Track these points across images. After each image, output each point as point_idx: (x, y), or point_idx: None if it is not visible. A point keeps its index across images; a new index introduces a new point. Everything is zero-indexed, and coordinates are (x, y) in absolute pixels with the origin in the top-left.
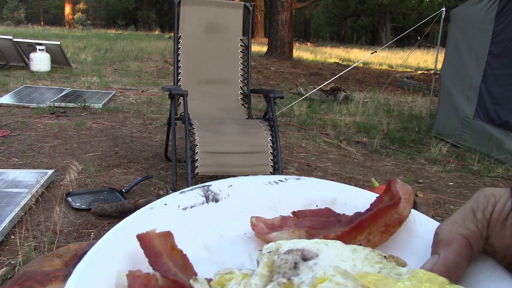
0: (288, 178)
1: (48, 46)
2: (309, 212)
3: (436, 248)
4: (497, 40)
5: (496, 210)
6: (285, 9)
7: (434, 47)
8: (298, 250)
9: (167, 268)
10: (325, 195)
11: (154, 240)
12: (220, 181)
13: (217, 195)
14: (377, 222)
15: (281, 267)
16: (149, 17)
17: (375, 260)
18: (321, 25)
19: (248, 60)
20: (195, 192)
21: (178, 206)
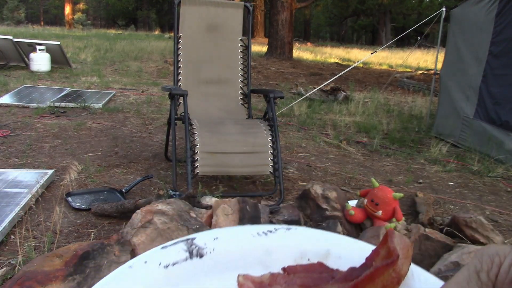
0: (278, 228)
1: (48, 46)
2: (301, 267)
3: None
4: (497, 40)
5: (501, 272)
6: (285, 9)
7: (434, 47)
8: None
9: None
10: (318, 247)
11: None
12: (205, 233)
13: (201, 249)
14: (374, 282)
15: None
16: (149, 17)
17: None
18: (321, 25)
19: (248, 60)
20: (178, 246)
21: (160, 264)
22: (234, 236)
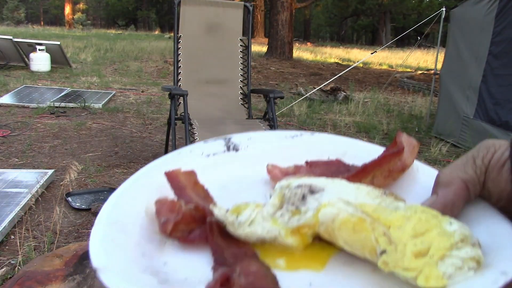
0: (303, 133)
1: (48, 46)
2: (321, 162)
3: (436, 188)
4: (497, 40)
5: (494, 157)
6: (285, 9)
7: (434, 47)
8: (306, 185)
9: (190, 198)
10: (337, 148)
11: (180, 176)
12: (240, 134)
13: (237, 146)
14: (381, 167)
15: (291, 198)
16: (149, 17)
17: (376, 195)
18: (321, 25)
19: (248, 60)
20: (217, 142)
21: (202, 153)
22: (265, 137)
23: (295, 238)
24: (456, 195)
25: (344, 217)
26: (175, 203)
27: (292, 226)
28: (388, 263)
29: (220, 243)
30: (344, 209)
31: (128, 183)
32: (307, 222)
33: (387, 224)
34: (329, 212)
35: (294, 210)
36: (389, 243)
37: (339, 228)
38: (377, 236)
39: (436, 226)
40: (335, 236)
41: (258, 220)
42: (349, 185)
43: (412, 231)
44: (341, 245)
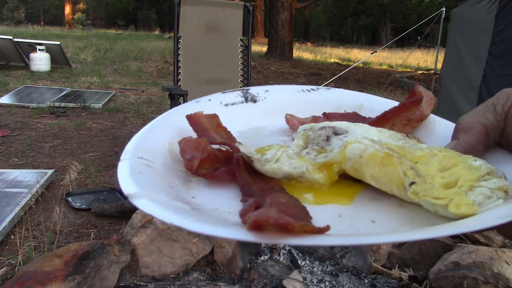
0: (319, 88)
1: (48, 46)
2: (338, 114)
3: (457, 134)
4: (497, 40)
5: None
6: (285, 9)
7: (434, 47)
8: (330, 127)
9: (213, 139)
10: (353, 102)
11: (201, 119)
12: (257, 87)
13: (255, 97)
14: (400, 115)
15: (315, 139)
16: (149, 17)
17: (398, 137)
18: (321, 25)
19: (248, 60)
20: (235, 93)
21: (221, 103)
22: (282, 90)
23: (322, 174)
24: (477, 139)
25: (371, 152)
26: (199, 141)
27: (319, 162)
28: (418, 192)
29: (247, 178)
30: (370, 145)
31: (149, 126)
32: (334, 158)
33: (414, 160)
34: (356, 148)
35: (319, 149)
36: (417, 176)
37: (367, 163)
38: (404, 170)
39: (461, 162)
40: (362, 171)
41: (283, 158)
42: (372, 128)
43: (439, 166)
44: (368, 180)
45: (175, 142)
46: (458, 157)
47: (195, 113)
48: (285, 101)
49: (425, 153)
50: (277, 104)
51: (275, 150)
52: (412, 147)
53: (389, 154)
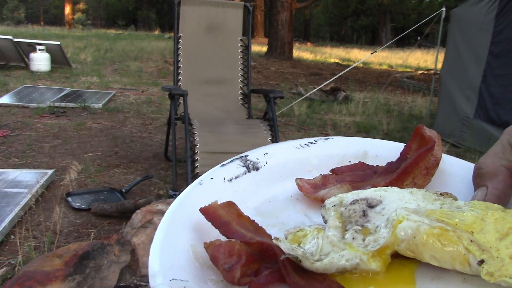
0: (317, 140)
1: (48, 46)
2: (346, 168)
3: (482, 180)
4: (497, 40)
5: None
6: (285, 9)
7: (434, 47)
8: (362, 199)
9: (241, 234)
10: (356, 150)
11: (219, 211)
12: (255, 150)
13: (256, 164)
14: (418, 166)
15: (351, 216)
16: (149, 17)
17: (433, 198)
18: (321, 25)
19: (248, 60)
20: (235, 163)
21: (224, 179)
22: (281, 150)
23: (377, 262)
24: (506, 184)
25: (426, 231)
26: (231, 244)
27: (372, 250)
28: (493, 273)
29: (300, 282)
30: (420, 221)
31: (162, 230)
32: (386, 243)
33: (468, 229)
34: (407, 228)
35: (361, 229)
36: (481, 251)
37: (424, 244)
38: (466, 246)
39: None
40: (420, 252)
41: (326, 247)
42: (403, 192)
43: (497, 233)
44: (427, 260)
45: (196, 244)
46: (508, 216)
47: (210, 205)
48: (287, 161)
49: (475, 218)
50: (280, 166)
51: (312, 237)
52: (452, 208)
53: (444, 229)
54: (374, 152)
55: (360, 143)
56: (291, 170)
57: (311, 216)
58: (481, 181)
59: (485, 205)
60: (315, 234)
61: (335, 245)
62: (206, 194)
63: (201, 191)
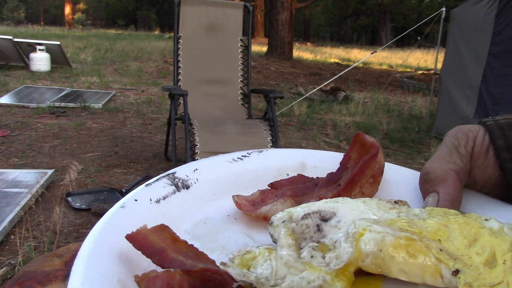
0: (250, 153)
1: (48, 46)
2: (284, 181)
3: (431, 186)
4: (497, 40)
5: (476, 144)
6: (285, 9)
7: (434, 47)
8: (314, 212)
9: (180, 262)
10: (293, 162)
11: (150, 237)
12: (182, 167)
13: (186, 181)
14: (364, 174)
15: (305, 232)
16: (149, 17)
17: (388, 207)
18: (321, 25)
19: (248, 60)
20: (161, 182)
21: (150, 200)
22: (211, 165)
23: (342, 282)
24: (456, 188)
25: (392, 242)
26: (170, 274)
27: (336, 268)
28: (471, 283)
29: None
30: (384, 231)
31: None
32: (350, 259)
33: (435, 238)
34: (371, 240)
35: (318, 245)
36: (453, 260)
37: (391, 257)
38: (436, 255)
39: (478, 227)
40: (387, 266)
41: (282, 270)
42: (356, 202)
43: (465, 239)
44: (394, 274)
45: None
46: (471, 221)
47: (138, 230)
48: (220, 177)
49: (437, 224)
50: (212, 183)
51: (264, 259)
52: (409, 215)
53: (410, 238)
54: (312, 163)
55: (297, 154)
56: (225, 186)
57: (254, 236)
58: (430, 187)
59: (442, 211)
60: (267, 256)
61: (291, 266)
62: (130, 218)
63: (125, 215)
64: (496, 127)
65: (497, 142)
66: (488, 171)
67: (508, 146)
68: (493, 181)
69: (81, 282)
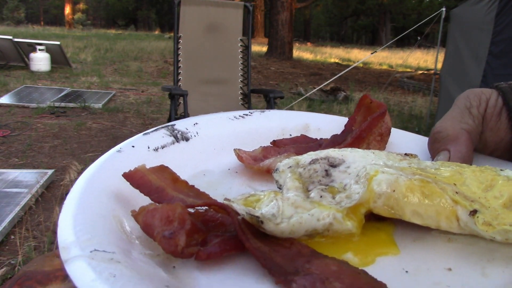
0: (253, 112)
1: (48, 46)
2: (287, 140)
3: (442, 144)
4: (497, 40)
5: (489, 105)
6: (285, 9)
7: (434, 47)
8: (322, 158)
9: (180, 199)
10: (296, 123)
11: (148, 176)
12: (183, 120)
13: (185, 134)
14: (372, 132)
15: (312, 176)
16: (149, 17)
17: (398, 158)
18: (321, 25)
19: (248, 60)
20: (160, 132)
21: (148, 148)
22: (212, 121)
23: (353, 222)
24: (468, 148)
25: (405, 183)
26: (171, 207)
27: (347, 206)
28: (490, 222)
29: (263, 248)
30: (397, 173)
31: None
32: (362, 199)
33: (450, 182)
34: (384, 180)
35: (327, 188)
36: (470, 202)
37: (405, 197)
38: (452, 197)
39: (494, 175)
40: (401, 207)
41: (288, 210)
42: (365, 152)
43: (481, 184)
44: (408, 217)
45: (120, 214)
46: (486, 170)
47: (136, 169)
48: (221, 133)
49: (451, 171)
50: (213, 138)
51: (270, 199)
52: (420, 166)
53: (424, 181)
54: (316, 125)
55: (300, 116)
56: (226, 142)
57: (257, 188)
58: (441, 145)
59: (455, 164)
60: (272, 197)
61: (299, 205)
62: (127, 162)
63: (121, 159)
64: (510, 89)
65: (510, 104)
66: (500, 133)
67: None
68: (504, 144)
69: (73, 215)
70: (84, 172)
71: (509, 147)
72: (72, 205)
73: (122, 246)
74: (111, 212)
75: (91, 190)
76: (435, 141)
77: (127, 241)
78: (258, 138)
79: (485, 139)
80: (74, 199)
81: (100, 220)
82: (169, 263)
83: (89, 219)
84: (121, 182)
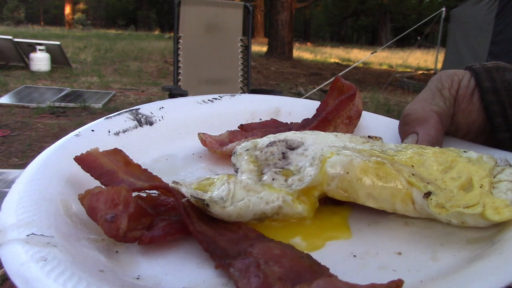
0: (222, 96)
1: (48, 46)
2: (256, 124)
3: (411, 127)
4: (497, 40)
5: (461, 87)
6: (285, 9)
7: (434, 47)
8: (281, 141)
9: (130, 183)
10: (267, 107)
11: (100, 159)
12: (148, 104)
13: (150, 118)
14: (340, 115)
15: (268, 159)
16: (149, 17)
17: (361, 141)
18: (321, 25)
19: (248, 60)
20: (123, 116)
21: (109, 132)
22: (179, 105)
23: (304, 205)
24: (437, 130)
25: (360, 165)
26: (116, 190)
27: (297, 189)
28: (443, 204)
29: (208, 231)
30: (353, 155)
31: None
32: (314, 181)
33: (407, 164)
34: (338, 162)
35: (281, 171)
36: (425, 184)
37: (359, 179)
38: (408, 179)
39: (455, 156)
40: (354, 190)
41: (240, 193)
42: (327, 134)
43: (440, 166)
44: (362, 200)
45: (68, 198)
46: (448, 152)
47: (88, 152)
48: (187, 117)
49: (412, 152)
50: (179, 122)
51: (222, 183)
52: (383, 148)
53: (380, 162)
54: (287, 109)
55: (271, 100)
56: (192, 126)
57: (219, 172)
58: (410, 128)
59: (418, 147)
60: (225, 180)
61: (250, 189)
62: (84, 147)
63: (79, 143)
64: (483, 70)
65: (483, 84)
66: (472, 116)
67: (494, 88)
68: (477, 127)
69: (19, 197)
70: (38, 156)
71: (481, 130)
72: (19, 189)
73: (63, 230)
74: (59, 196)
75: (42, 174)
76: (404, 124)
77: (71, 225)
78: (227, 122)
79: (457, 121)
80: (23, 183)
81: (44, 204)
82: (113, 248)
83: (33, 203)
84: (75, 166)
